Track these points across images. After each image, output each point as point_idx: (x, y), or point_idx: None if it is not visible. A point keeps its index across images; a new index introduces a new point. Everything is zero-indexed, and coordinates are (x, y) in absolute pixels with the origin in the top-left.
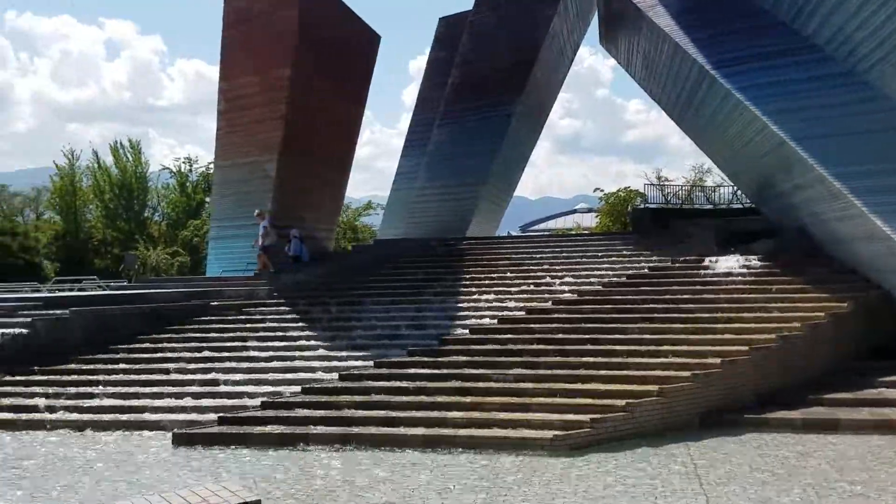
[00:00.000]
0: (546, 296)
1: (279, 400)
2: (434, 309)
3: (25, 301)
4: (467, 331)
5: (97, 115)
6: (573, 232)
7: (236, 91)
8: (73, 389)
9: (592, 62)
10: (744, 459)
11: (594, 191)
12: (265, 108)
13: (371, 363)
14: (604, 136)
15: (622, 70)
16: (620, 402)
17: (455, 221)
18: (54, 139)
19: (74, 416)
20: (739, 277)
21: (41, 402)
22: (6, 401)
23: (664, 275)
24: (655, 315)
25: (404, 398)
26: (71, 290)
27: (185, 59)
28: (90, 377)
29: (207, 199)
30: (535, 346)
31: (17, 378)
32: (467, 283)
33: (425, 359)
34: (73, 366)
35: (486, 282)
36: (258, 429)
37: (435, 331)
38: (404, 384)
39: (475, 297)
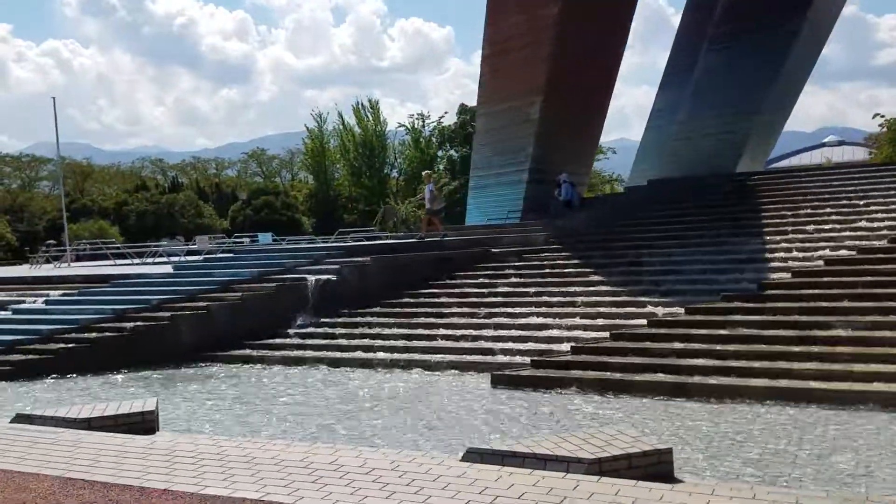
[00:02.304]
0: (877, 233)
1: (590, 345)
2: (735, 251)
3: (329, 250)
4: (789, 274)
5: (329, 80)
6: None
7: (501, 34)
8: (380, 331)
9: None
10: None
11: (873, 117)
12: (530, 49)
13: (675, 309)
14: (851, 60)
15: None
16: None
17: (723, 157)
18: (294, 106)
19: (382, 355)
20: None
21: (356, 342)
22: (322, 341)
23: None
24: None
25: (730, 347)
26: (337, 242)
27: (403, 19)
28: (393, 319)
29: (440, 154)
30: (881, 290)
31: (332, 320)
32: (770, 221)
33: (746, 304)
34: (376, 308)
35: (793, 219)
36: (576, 373)
37: (742, 274)
38: (726, 332)
39: (784, 236)
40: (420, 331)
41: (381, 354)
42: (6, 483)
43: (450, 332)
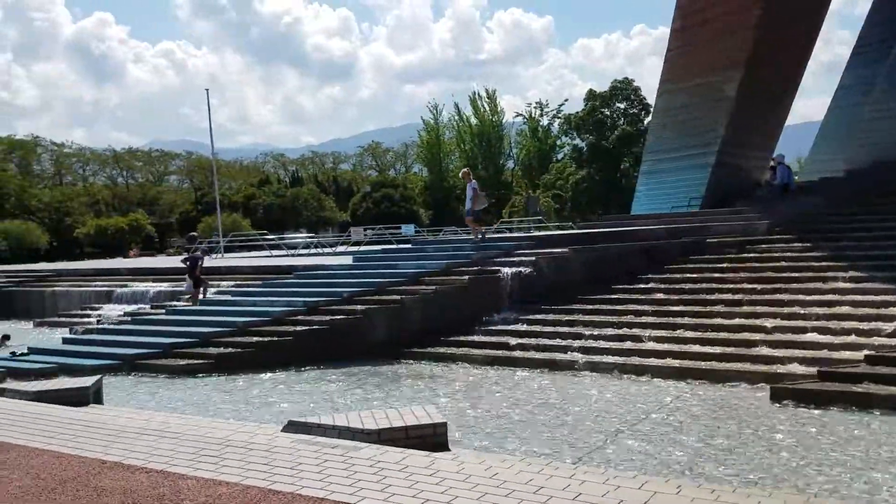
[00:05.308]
0: None
1: (889, 354)
2: None
3: (520, 241)
4: None
5: (428, 75)
6: None
7: (698, 3)
8: (597, 331)
9: None
10: None
11: None
12: (733, 18)
13: None
14: None
15: None
16: None
17: None
18: (392, 101)
19: (608, 359)
20: None
21: (571, 342)
22: (530, 340)
23: None
24: None
25: None
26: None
27: (502, 11)
28: (608, 318)
29: (559, 143)
30: None
31: (536, 316)
32: None
33: None
34: (584, 305)
35: None
36: (884, 388)
37: None
38: None
39: None
40: (645, 331)
41: (607, 358)
42: None
43: (679, 333)
